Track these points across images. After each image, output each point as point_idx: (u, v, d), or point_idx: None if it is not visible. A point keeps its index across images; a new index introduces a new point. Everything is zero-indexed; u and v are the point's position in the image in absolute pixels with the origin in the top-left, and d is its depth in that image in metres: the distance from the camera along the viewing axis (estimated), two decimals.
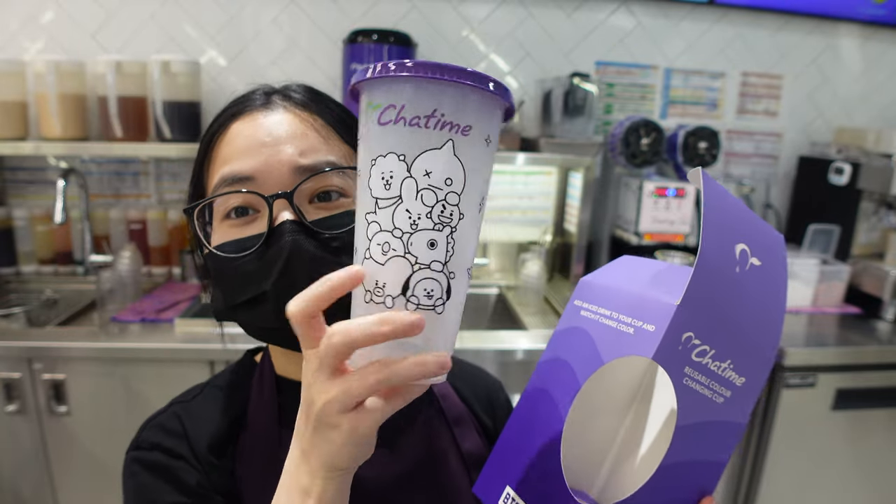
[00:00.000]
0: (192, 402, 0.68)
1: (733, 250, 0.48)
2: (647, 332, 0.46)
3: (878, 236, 2.12)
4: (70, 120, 1.88)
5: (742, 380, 0.50)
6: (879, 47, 2.34)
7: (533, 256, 2.07)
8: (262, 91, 0.65)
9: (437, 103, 0.38)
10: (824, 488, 1.85)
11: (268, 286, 0.56)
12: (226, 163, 0.59)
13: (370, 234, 0.40)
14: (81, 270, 2.07)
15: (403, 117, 0.39)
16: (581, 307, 0.55)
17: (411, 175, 0.39)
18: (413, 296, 0.40)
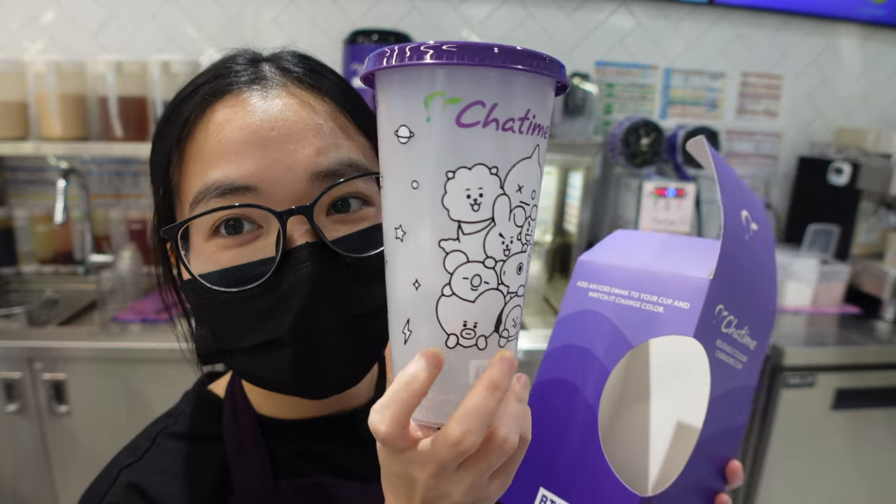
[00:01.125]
0: (145, 463, 0.52)
1: (741, 217, 0.47)
2: (681, 309, 0.44)
3: (878, 236, 2.12)
4: (70, 120, 1.88)
5: (754, 343, 0.50)
6: (879, 47, 2.35)
7: (533, 256, 2.07)
8: (247, 58, 0.50)
9: (531, 102, 0.32)
10: (824, 488, 1.85)
11: (284, 331, 0.43)
12: (212, 164, 0.44)
13: (450, 265, 0.32)
14: (82, 270, 2.07)
15: (496, 119, 0.31)
16: (588, 288, 0.50)
17: (504, 191, 0.32)
18: (504, 329, 0.34)
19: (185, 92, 0.49)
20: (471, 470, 0.35)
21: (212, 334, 0.48)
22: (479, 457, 0.34)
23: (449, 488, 0.35)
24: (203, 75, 0.49)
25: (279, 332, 0.44)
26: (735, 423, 0.50)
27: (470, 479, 0.35)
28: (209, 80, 0.48)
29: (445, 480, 0.34)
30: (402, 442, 0.34)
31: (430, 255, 0.33)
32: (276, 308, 0.43)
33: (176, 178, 0.48)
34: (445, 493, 0.35)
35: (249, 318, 0.45)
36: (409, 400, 0.32)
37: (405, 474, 0.35)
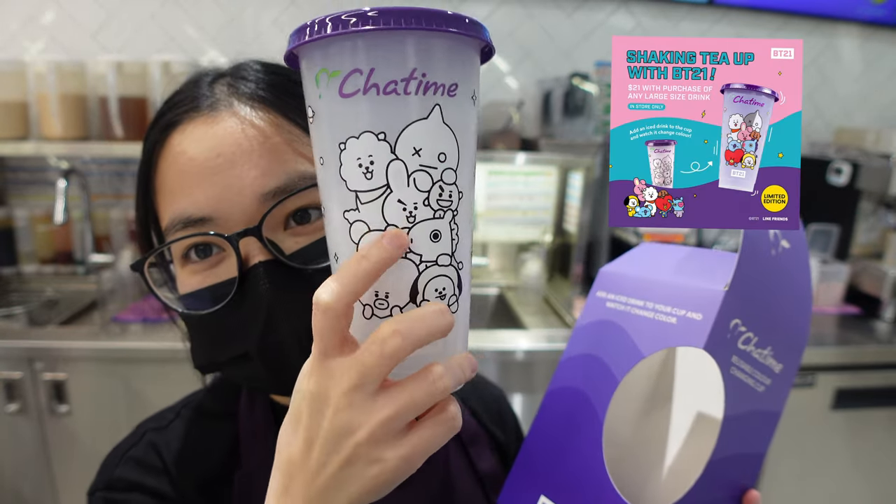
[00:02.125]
0: (169, 430, 0.57)
1: (767, 232, 0.45)
2: (694, 320, 0.43)
3: (878, 236, 2.12)
4: (71, 120, 1.88)
5: (780, 367, 0.49)
6: (879, 47, 2.35)
7: (533, 256, 2.07)
8: (208, 81, 0.51)
9: (416, 60, 0.30)
10: (824, 488, 1.85)
11: (251, 346, 0.46)
12: (173, 197, 0.47)
13: (354, 235, 0.33)
14: (82, 270, 2.07)
15: (376, 84, 0.30)
16: (606, 298, 0.51)
17: (397, 156, 0.31)
18: (424, 300, 0.33)
19: (153, 120, 0.52)
20: (390, 398, 0.32)
21: (200, 349, 0.51)
22: (403, 384, 0.32)
23: (359, 418, 0.32)
24: (167, 102, 0.52)
25: (246, 347, 0.47)
26: (755, 450, 0.48)
27: (385, 412, 0.32)
28: (168, 109, 0.50)
29: (358, 405, 0.32)
30: (341, 325, 0.32)
31: (338, 227, 0.33)
32: (241, 325, 0.46)
33: (153, 202, 0.52)
34: (351, 426, 0.32)
35: (221, 335, 0.48)
36: (358, 274, 0.31)
37: (318, 394, 0.33)
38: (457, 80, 0.32)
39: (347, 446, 0.33)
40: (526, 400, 1.66)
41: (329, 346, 0.32)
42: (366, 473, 0.33)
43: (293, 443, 0.35)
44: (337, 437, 0.33)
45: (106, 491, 0.53)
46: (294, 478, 0.34)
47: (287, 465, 0.35)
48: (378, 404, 0.32)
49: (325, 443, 0.33)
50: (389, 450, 0.33)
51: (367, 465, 0.33)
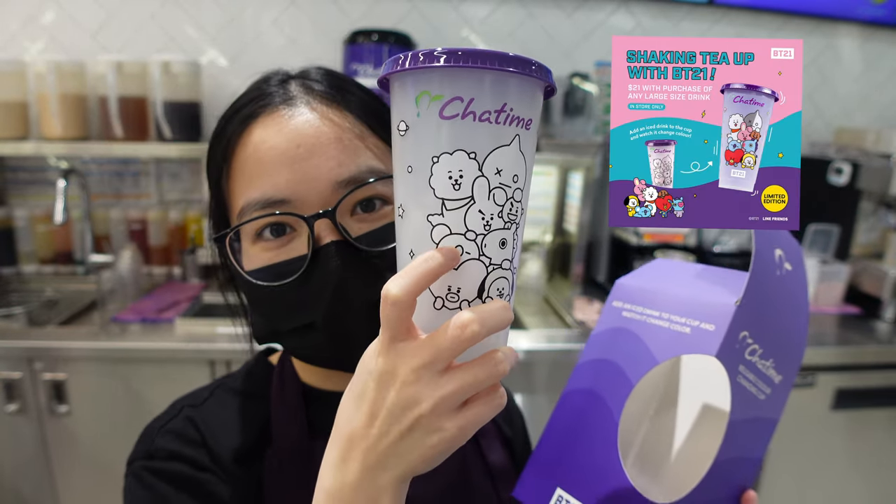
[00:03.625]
0: (204, 407, 0.61)
1: (774, 254, 0.49)
2: (707, 331, 0.47)
3: (878, 236, 2.12)
4: (70, 120, 1.88)
5: (780, 378, 0.52)
6: (879, 47, 2.35)
7: (533, 256, 2.07)
8: (278, 80, 0.58)
9: (507, 97, 0.36)
10: (824, 488, 1.85)
11: (318, 316, 0.52)
12: (252, 181, 0.52)
13: (436, 237, 0.37)
14: (82, 270, 2.07)
15: (473, 112, 0.36)
16: (622, 308, 0.54)
17: (483, 174, 0.37)
18: (488, 297, 0.38)
19: (228, 114, 0.57)
20: (454, 377, 0.36)
21: (263, 319, 0.57)
22: (468, 366, 0.37)
23: (424, 392, 0.36)
24: (242, 98, 0.57)
25: (313, 317, 0.52)
26: (754, 454, 0.52)
27: (449, 388, 0.36)
28: (246, 104, 0.56)
29: (426, 381, 0.36)
30: (408, 314, 0.36)
31: (420, 228, 0.38)
32: (309, 297, 0.52)
33: (226, 190, 0.57)
34: (417, 398, 0.36)
35: (290, 305, 0.53)
36: (424, 273, 0.35)
37: (385, 371, 0.37)
38: (532, 116, 0.38)
39: (410, 417, 0.36)
40: (526, 400, 1.66)
41: (397, 332, 0.36)
42: (425, 442, 0.36)
43: (355, 417, 0.38)
44: (402, 409, 0.36)
45: (146, 460, 0.56)
46: (353, 448, 0.38)
47: (347, 437, 0.38)
48: (443, 381, 0.36)
49: (388, 414, 0.36)
50: (449, 421, 0.36)
51: (426, 434, 0.36)
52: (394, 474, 0.37)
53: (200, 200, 2.10)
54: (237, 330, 0.67)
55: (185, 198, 2.16)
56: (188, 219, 2.09)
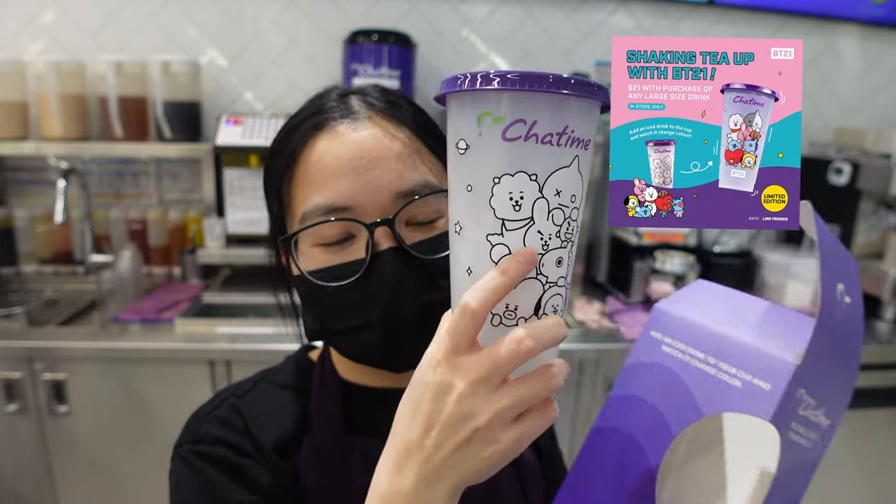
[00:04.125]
0: (247, 397, 0.65)
1: (836, 291, 0.44)
2: (761, 389, 0.42)
3: (878, 236, 2.12)
4: (70, 120, 1.88)
5: (828, 422, 0.48)
6: (879, 47, 2.35)
7: None
8: (338, 94, 0.61)
9: (568, 119, 0.36)
10: (824, 488, 1.85)
11: (374, 316, 0.56)
12: (316, 188, 0.56)
13: (495, 256, 0.38)
14: (82, 270, 2.07)
15: (536, 134, 0.36)
16: (662, 341, 0.50)
17: (543, 195, 0.37)
18: (543, 314, 0.39)
19: (290, 125, 0.60)
20: (510, 391, 0.37)
21: (316, 318, 0.60)
22: (524, 379, 0.38)
23: (480, 406, 0.37)
24: (304, 111, 0.60)
25: (370, 317, 0.56)
26: (794, 499, 0.48)
27: (504, 402, 0.37)
28: (309, 116, 0.59)
29: (482, 395, 0.37)
30: (477, 325, 0.37)
31: (478, 246, 0.38)
32: (367, 298, 0.56)
33: (287, 196, 0.59)
34: (474, 411, 0.37)
35: (347, 305, 0.57)
36: (499, 287, 0.36)
37: (443, 383, 0.38)
38: (590, 136, 0.38)
39: (467, 429, 0.37)
40: None
41: (462, 344, 0.37)
42: (481, 454, 0.38)
43: (411, 427, 0.39)
44: (458, 421, 0.37)
45: (193, 444, 0.60)
46: (409, 458, 0.39)
47: (403, 447, 0.40)
48: (499, 394, 0.37)
49: (444, 426, 0.38)
50: (504, 433, 0.38)
51: (482, 446, 0.37)
52: (448, 484, 0.39)
53: (200, 200, 2.10)
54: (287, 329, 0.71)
55: (185, 198, 2.16)
56: (188, 219, 2.09)
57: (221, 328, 1.63)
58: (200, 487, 0.57)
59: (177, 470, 0.59)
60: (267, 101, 2.13)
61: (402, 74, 1.90)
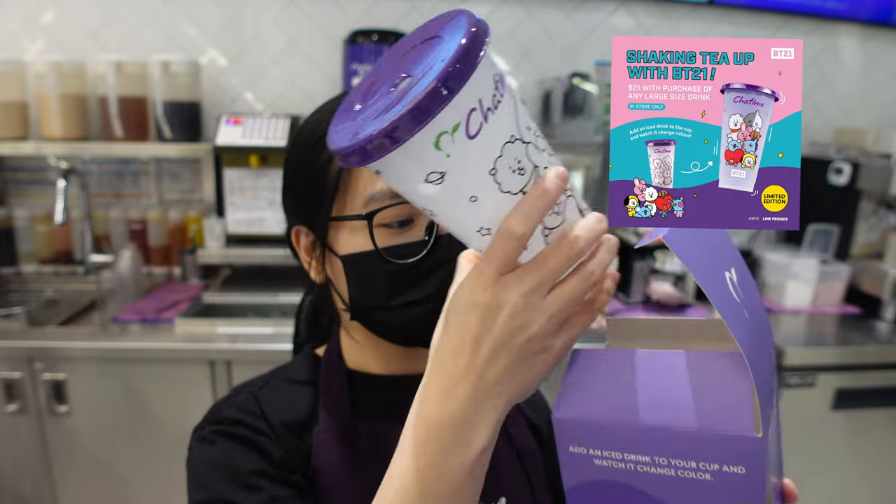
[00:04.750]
0: (262, 391, 0.69)
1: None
2: (737, 475, 0.36)
3: (878, 236, 2.12)
4: (70, 120, 1.88)
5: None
6: (879, 47, 2.35)
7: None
8: None
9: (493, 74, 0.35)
10: (824, 488, 1.85)
11: (432, 291, 0.60)
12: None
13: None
14: (82, 270, 2.06)
15: (489, 108, 0.35)
16: (589, 455, 0.40)
17: (525, 142, 0.37)
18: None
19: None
20: (559, 295, 0.38)
21: (367, 295, 0.63)
22: (567, 281, 0.39)
23: (533, 316, 0.37)
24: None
25: (428, 292, 0.60)
26: None
27: (554, 307, 0.38)
28: None
29: (535, 304, 0.37)
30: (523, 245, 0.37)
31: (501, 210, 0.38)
32: (422, 277, 0.61)
33: (344, 181, 0.62)
34: (527, 323, 0.37)
35: (407, 282, 0.61)
36: (541, 205, 0.37)
37: (491, 303, 0.38)
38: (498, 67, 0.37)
39: (520, 341, 0.38)
40: None
41: (507, 265, 0.38)
42: (535, 364, 0.39)
43: (459, 352, 0.39)
44: (511, 335, 0.38)
45: (213, 425, 0.63)
46: (460, 381, 0.39)
47: (452, 372, 0.40)
48: (548, 301, 0.38)
49: (497, 342, 0.38)
50: (555, 339, 0.39)
51: (535, 355, 0.39)
52: (500, 402, 0.39)
53: (200, 200, 2.10)
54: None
55: (185, 198, 2.16)
56: (188, 219, 2.09)
57: (221, 328, 1.63)
58: (216, 460, 0.60)
59: (194, 448, 0.63)
60: (267, 101, 2.13)
61: None
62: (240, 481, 0.58)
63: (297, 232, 0.68)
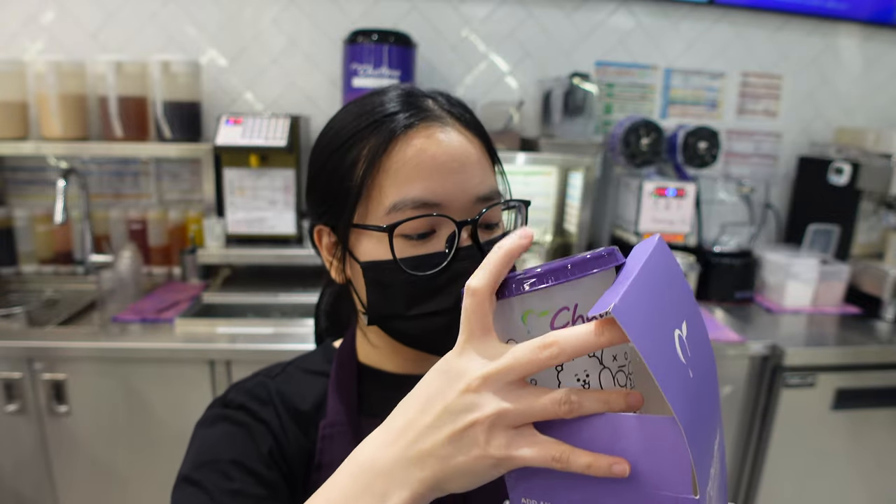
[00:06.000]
0: (276, 379, 0.70)
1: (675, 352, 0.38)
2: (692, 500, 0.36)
3: (878, 236, 2.12)
4: (70, 120, 1.88)
5: None
6: (879, 47, 2.35)
7: (533, 256, 2.07)
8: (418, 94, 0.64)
9: (598, 291, 0.38)
10: (824, 488, 1.85)
11: (450, 304, 0.60)
12: (411, 182, 0.59)
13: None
14: (82, 270, 2.07)
15: (581, 315, 0.38)
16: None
17: (604, 365, 0.38)
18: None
19: (378, 115, 0.62)
20: (523, 395, 0.36)
21: (385, 302, 0.63)
22: (542, 391, 0.36)
23: (486, 400, 0.36)
24: (392, 102, 0.63)
25: (445, 304, 0.60)
26: None
27: (509, 404, 0.36)
28: (402, 110, 0.62)
29: (493, 390, 0.36)
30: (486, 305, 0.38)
31: None
32: (441, 288, 0.60)
33: (370, 182, 0.61)
34: (479, 404, 0.36)
35: (425, 293, 0.61)
36: (502, 261, 0.38)
37: (456, 370, 0.38)
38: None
39: (466, 420, 0.36)
40: None
41: (475, 327, 0.38)
42: (470, 452, 0.37)
43: (413, 407, 0.40)
44: (459, 411, 0.37)
45: (220, 408, 0.66)
46: (400, 435, 0.39)
47: (398, 424, 0.40)
48: (511, 395, 0.36)
49: (444, 412, 0.37)
50: (500, 438, 0.36)
51: (473, 445, 0.36)
52: (427, 474, 0.38)
53: (200, 200, 2.10)
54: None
55: (185, 198, 2.16)
56: (188, 219, 2.09)
57: (221, 328, 1.63)
58: (205, 442, 0.63)
59: (197, 426, 0.66)
60: (267, 101, 2.13)
61: (402, 74, 1.90)
62: (215, 467, 0.60)
63: (319, 231, 0.68)
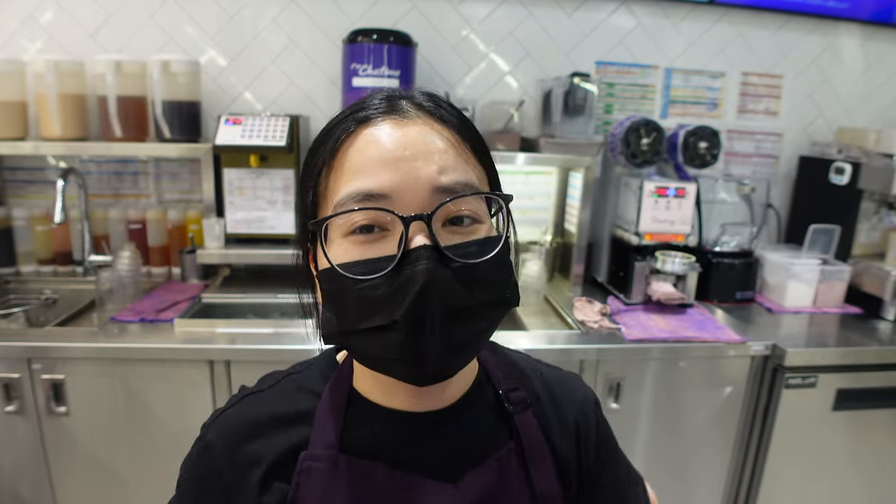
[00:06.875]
0: (265, 394, 0.66)
1: None
2: None
3: (879, 236, 2.12)
4: (70, 120, 1.88)
5: None
6: (880, 47, 2.34)
7: (533, 256, 2.07)
8: (385, 96, 0.59)
9: None
10: (824, 488, 1.85)
11: (398, 316, 0.51)
12: (356, 175, 0.54)
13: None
14: (81, 270, 2.06)
15: None
16: None
17: None
18: None
19: (338, 118, 0.59)
20: None
21: (336, 318, 0.56)
22: None
23: None
24: (352, 107, 0.60)
25: (395, 316, 0.51)
26: None
27: None
28: (357, 111, 0.58)
29: None
30: None
31: None
32: (393, 296, 0.52)
33: (324, 185, 0.57)
34: None
35: (371, 303, 0.53)
36: None
37: None
38: None
39: None
40: None
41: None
42: None
43: None
44: None
45: (200, 440, 0.64)
46: None
47: None
48: None
49: None
50: None
51: None
52: None
53: (200, 200, 2.10)
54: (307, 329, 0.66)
55: (185, 198, 2.15)
56: (187, 219, 2.09)
57: (221, 328, 1.63)
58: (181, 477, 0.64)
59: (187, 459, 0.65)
60: (266, 100, 2.13)
61: (402, 74, 1.90)
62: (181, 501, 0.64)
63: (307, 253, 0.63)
